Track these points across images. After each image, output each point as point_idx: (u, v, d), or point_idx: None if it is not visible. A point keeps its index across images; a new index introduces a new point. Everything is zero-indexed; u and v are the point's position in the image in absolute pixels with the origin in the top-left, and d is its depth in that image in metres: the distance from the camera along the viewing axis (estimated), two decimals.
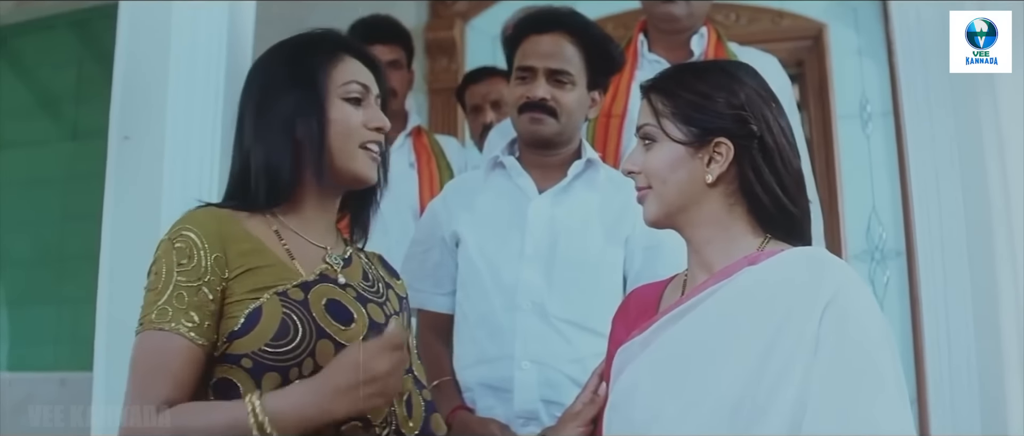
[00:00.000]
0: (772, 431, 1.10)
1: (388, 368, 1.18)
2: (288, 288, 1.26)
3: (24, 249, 3.60)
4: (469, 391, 1.81)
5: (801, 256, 1.21)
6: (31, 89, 3.81)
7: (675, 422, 1.17)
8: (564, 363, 1.75)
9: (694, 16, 2.21)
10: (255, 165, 1.34)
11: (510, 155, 1.90)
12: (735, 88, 1.24)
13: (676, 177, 1.24)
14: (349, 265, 1.38)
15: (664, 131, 1.25)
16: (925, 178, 2.20)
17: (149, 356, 1.21)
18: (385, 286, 1.42)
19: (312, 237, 1.36)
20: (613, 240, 1.81)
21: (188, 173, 2.11)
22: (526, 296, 1.78)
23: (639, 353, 1.25)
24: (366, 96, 1.38)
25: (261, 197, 1.33)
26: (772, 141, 1.23)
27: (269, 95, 1.36)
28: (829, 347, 1.11)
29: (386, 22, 2.65)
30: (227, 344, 1.23)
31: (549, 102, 1.80)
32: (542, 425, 1.73)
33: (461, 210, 1.88)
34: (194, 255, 1.24)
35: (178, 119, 2.12)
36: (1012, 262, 2.06)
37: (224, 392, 1.23)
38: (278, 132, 1.33)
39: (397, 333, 1.21)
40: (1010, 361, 2.03)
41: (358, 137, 1.35)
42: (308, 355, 1.22)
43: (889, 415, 1.10)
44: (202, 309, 1.22)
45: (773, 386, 1.11)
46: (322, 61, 1.37)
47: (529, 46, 1.85)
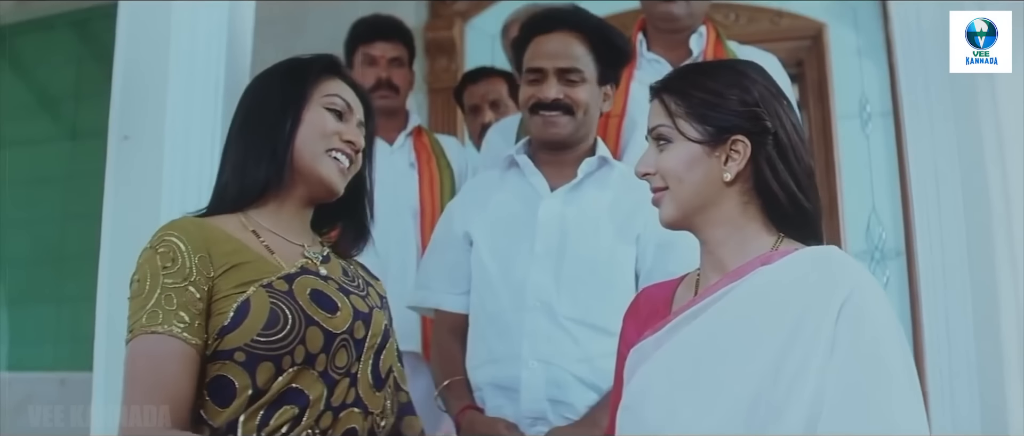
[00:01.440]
0: (788, 431, 1.10)
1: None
2: (273, 280, 1.28)
3: (24, 248, 3.60)
4: (479, 390, 1.82)
5: (815, 255, 1.21)
6: (31, 88, 3.82)
7: (690, 422, 1.17)
8: (572, 363, 1.75)
9: (693, 15, 2.21)
10: (231, 164, 1.38)
11: (524, 154, 1.91)
12: (747, 85, 1.24)
13: (693, 176, 1.24)
14: (328, 262, 1.40)
15: (679, 131, 1.25)
16: (925, 178, 2.20)
17: (144, 361, 1.21)
18: (365, 283, 1.44)
19: (289, 235, 1.38)
20: (624, 238, 1.81)
21: (187, 172, 2.11)
22: (534, 295, 1.78)
23: (652, 353, 1.25)
24: (348, 114, 1.41)
25: (232, 193, 1.36)
26: (785, 137, 1.23)
27: (254, 104, 1.41)
28: (845, 347, 1.11)
29: (389, 20, 2.65)
30: (218, 341, 1.24)
31: (563, 100, 1.81)
32: (549, 425, 1.73)
33: (475, 210, 1.88)
34: (178, 257, 1.25)
35: (178, 118, 2.12)
36: (1012, 262, 2.06)
37: (219, 390, 1.24)
38: (258, 132, 1.36)
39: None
40: (1010, 360, 2.03)
41: (327, 142, 1.37)
42: (299, 342, 1.24)
43: (905, 414, 1.10)
44: (191, 308, 1.23)
45: (789, 386, 1.11)
46: (314, 72, 1.41)
47: (536, 47, 1.85)
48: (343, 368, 1.29)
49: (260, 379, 1.23)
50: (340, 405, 1.28)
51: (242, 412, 1.23)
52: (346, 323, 1.30)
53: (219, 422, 1.24)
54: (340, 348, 1.29)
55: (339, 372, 1.28)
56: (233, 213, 1.36)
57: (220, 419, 1.24)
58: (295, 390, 1.25)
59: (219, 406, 1.24)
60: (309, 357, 1.25)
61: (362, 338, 1.32)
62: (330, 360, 1.27)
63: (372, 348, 1.34)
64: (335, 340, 1.28)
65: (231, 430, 1.23)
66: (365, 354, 1.33)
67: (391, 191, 2.35)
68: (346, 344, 1.29)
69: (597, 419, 1.70)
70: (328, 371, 1.27)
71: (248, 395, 1.23)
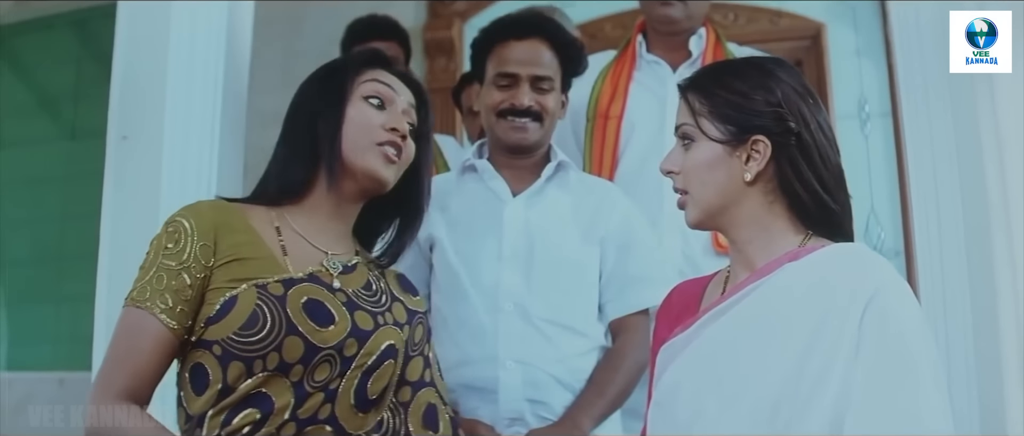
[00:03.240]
0: (813, 430, 1.09)
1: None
2: (269, 282, 1.27)
3: (23, 248, 3.60)
4: (451, 393, 1.80)
5: (841, 252, 1.20)
6: (30, 88, 3.82)
7: (716, 420, 1.16)
8: (548, 363, 1.75)
9: (693, 17, 2.21)
10: (276, 159, 1.40)
11: (481, 158, 1.91)
12: (772, 85, 1.23)
13: (714, 177, 1.23)
14: (350, 272, 1.38)
15: (702, 130, 1.24)
16: (924, 178, 2.20)
17: (124, 331, 1.27)
18: (391, 298, 1.41)
19: (316, 240, 1.37)
20: (588, 240, 1.83)
21: (186, 172, 2.11)
22: (508, 298, 1.78)
23: (682, 351, 1.25)
24: (390, 100, 1.40)
25: (272, 188, 1.38)
26: (810, 137, 1.21)
27: (298, 104, 1.42)
28: (870, 345, 1.10)
29: (384, 19, 2.66)
30: (203, 329, 1.25)
31: (535, 108, 1.82)
32: (527, 426, 1.73)
33: (435, 213, 1.87)
34: (181, 240, 1.27)
35: (176, 119, 2.12)
36: (1010, 262, 2.06)
37: (197, 378, 1.26)
38: (300, 130, 1.38)
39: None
40: (1008, 360, 2.03)
41: (371, 135, 1.36)
42: (273, 349, 1.23)
43: (932, 413, 1.09)
44: (178, 293, 1.25)
45: (813, 385, 1.11)
46: (354, 66, 1.41)
47: (509, 52, 1.85)
48: (321, 382, 1.27)
49: (230, 377, 1.24)
50: (309, 419, 1.26)
51: (210, 406, 1.24)
52: (336, 338, 1.27)
53: (194, 410, 1.26)
54: (322, 362, 1.26)
55: (315, 385, 1.26)
56: (269, 206, 1.37)
57: (194, 407, 1.26)
58: (262, 395, 1.24)
59: (195, 394, 1.26)
60: (283, 365, 1.24)
61: (351, 356, 1.29)
62: (308, 372, 1.25)
63: (361, 367, 1.30)
64: (318, 354, 1.26)
65: (199, 423, 1.25)
66: (351, 372, 1.29)
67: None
68: (330, 359, 1.27)
69: (575, 419, 1.71)
70: (303, 382, 1.25)
71: (218, 390, 1.24)
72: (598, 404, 1.73)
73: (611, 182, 2.08)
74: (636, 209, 1.90)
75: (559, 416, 1.74)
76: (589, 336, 1.80)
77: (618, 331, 1.82)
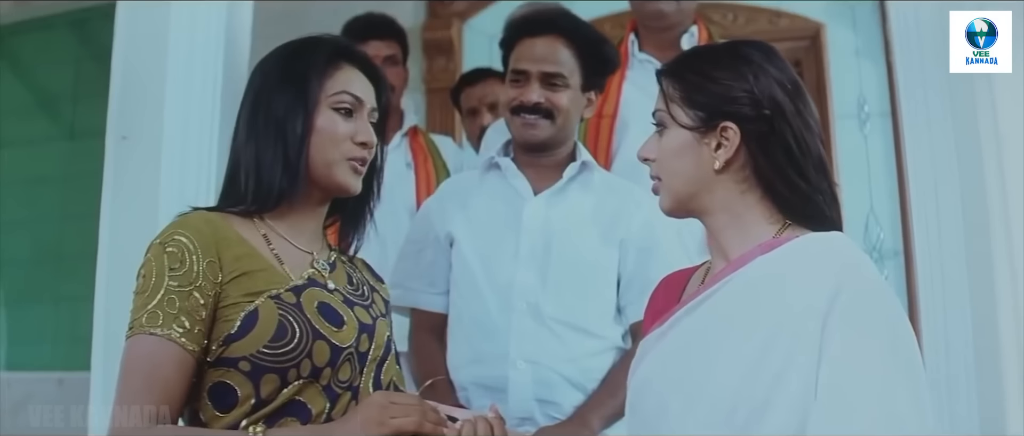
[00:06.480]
0: (773, 431, 1.06)
1: (402, 424, 1.19)
2: (281, 292, 1.26)
3: (22, 248, 3.60)
4: (463, 390, 1.81)
5: (811, 244, 1.16)
6: (29, 88, 3.81)
7: (680, 419, 1.14)
8: (559, 363, 1.75)
9: (684, 13, 2.20)
10: (245, 166, 1.33)
11: (505, 156, 1.91)
12: (744, 71, 1.19)
13: (683, 164, 1.21)
14: (334, 270, 1.38)
15: (672, 116, 1.22)
16: (923, 178, 2.20)
17: (140, 361, 1.20)
18: (370, 289, 1.42)
19: (299, 242, 1.36)
20: (608, 242, 1.82)
21: (185, 172, 2.11)
22: (521, 297, 1.78)
23: (655, 346, 1.23)
24: (358, 108, 1.36)
25: (249, 200, 1.33)
26: (785, 124, 1.17)
27: (263, 96, 1.35)
28: (836, 344, 1.06)
29: (381, 18, 2.66)
30: (223, 348, 1.22)
31: (544, 105, 1.81)
32: (536, 425, 1.74)
33: (456, 210, 1.88)
34: (186, 260, 1.22)
35: (176, 119, 2.12)
36: (1010, 262, 2.06)
37: (221, 397, 1.23)
38: (269, 135, 1.32)
39: (413, 396, 1.24)
40: (1008, 360, 2.03)
41: (342, 149, 1.33)
42: (305, 356, 1.23)
43: (902, 412, 1.04)
44: (193, 314, 1.20)
45: (771, 386, 1.07)
46: (318, 67, 1.35)
47: (523, 49, 1.85)
48: (346, 382, 1.28)
49: (264, 390, 1.22)
50: None
51: (243, 420, 1.22)
52: (352, 337, 1.28)
53: (217, 427, 1.23)
54: (345, 362, 1.27)
55: (342, 386, 1.27)
56: (247, 213, 1.33)
57: (218, 424, 1.23)
58: (298, 403, 1.24)
59: (219, 412, 1.23)
60: (314, 371, 1.24)
61: (366, 351, 1.30)
62: (334, 374, 1.26)
63: (375, 361, 1.32)
64: (342, 354, 1.26)
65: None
66: (368, 367, 1.31)
67: (388, 191, 2.33)
68: (351, 358, 1.28)
69: (585, 418, 1.71)
70: (331, 385, 1.26)
71: (251, 404, 1.22)
72: (609, 404, 1.73)
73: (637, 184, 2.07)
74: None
75: (569, 416, 1.74)
76: (603, 337, 1.80)
77: (637, 334, 1.82)
